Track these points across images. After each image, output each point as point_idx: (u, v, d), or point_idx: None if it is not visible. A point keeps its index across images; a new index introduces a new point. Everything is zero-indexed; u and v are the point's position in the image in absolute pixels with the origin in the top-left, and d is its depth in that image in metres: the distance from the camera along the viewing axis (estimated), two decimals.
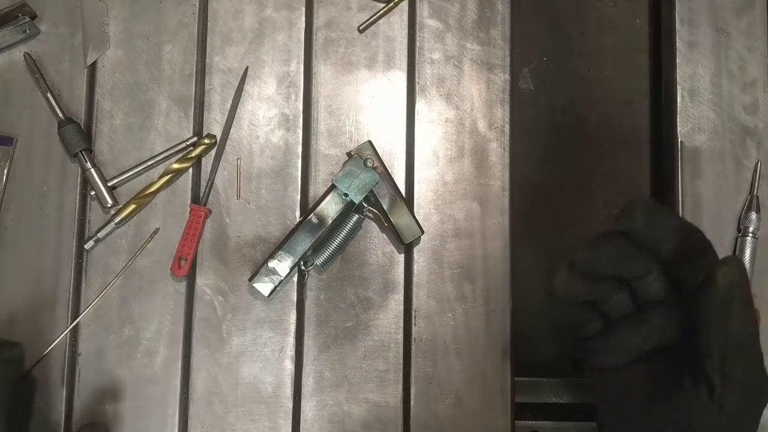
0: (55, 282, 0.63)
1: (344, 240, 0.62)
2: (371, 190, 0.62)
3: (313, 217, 0.62)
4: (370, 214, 0.64)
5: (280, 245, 0.62)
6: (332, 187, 0.62)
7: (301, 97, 0.66)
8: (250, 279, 0.62)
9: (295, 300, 0.63)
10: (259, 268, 0.62)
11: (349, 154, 0.63)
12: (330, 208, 0.62)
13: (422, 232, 0.63)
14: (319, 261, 0.62)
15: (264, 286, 0.61)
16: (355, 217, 0.62)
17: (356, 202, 0.62)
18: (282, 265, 0.61)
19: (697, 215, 0.65)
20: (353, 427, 0.62)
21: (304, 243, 0.62)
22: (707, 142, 0.66)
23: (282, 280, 0.61)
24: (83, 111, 0.65)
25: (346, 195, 0.62)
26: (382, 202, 0.63)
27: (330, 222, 0.62)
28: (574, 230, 0.74)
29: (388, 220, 0.63)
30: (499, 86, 0.66)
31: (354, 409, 0.63)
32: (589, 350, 0.49)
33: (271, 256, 0.62)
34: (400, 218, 0.63)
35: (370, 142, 0.63)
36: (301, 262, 0.62)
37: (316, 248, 0.62)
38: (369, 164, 0.62)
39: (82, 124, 0.64)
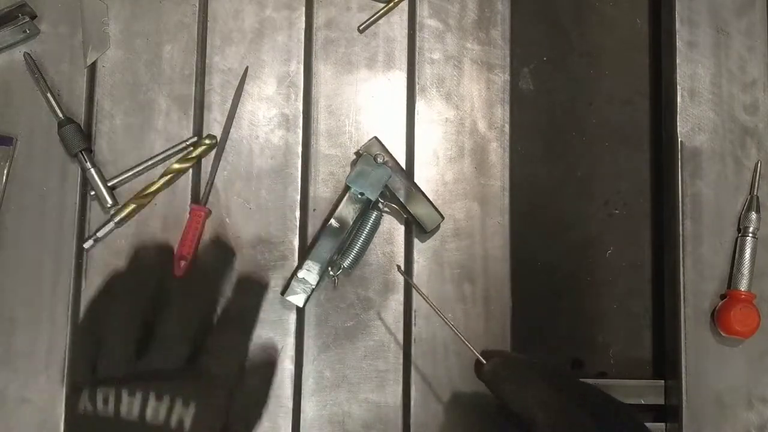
0: (55, 282, 0.63)
1: (367, 238, 0.62)
2: (385, 185, 0.62)
3: (333, 222, 0.62)
4: (387, 209, 0.64)
5: (306, 254, 0.61)
6: (346, 189, 0.62)
7: (301, 97, 0.66)
8: (282, 293, 0.61)
9: None
10: (289, 281, 0.62)
11: (356, 154, 0.63)
12: (348, 209, 0.62)
13: (442, 218, 0.63)
14: (346, 263, 0.62)
15: (297, 298, 0.61)
16: (374, 214, 0.62)
17: (373, 199, 0.61)
18: (312, 273, 0.61)
19: (697, 215, 0.65)
20: (353, 427, 0.62)
21: (329, 248, 0.61)
22: (707, 142, 0.66)
23: (313, 289, 0.61)
24: (83, 111, 0.65)
25: (362, 194, 0.61)
26: (397, 194, 0.62)
27: (351, 223, 0.62)
28: (574, 230, 0.74)
29: (406, 211, 0.63)
30: (499, 86, 0.66)
31: (354, 409, 0.63)
32: None
33: (299, 266, 0.61)
34: (419, 207, 0.62)
35: (376, 138, 0.63)
36: (329, 269, 0.62)
37: (340, 252, 0.62)
38: (380, 160, 0.62)
39: (82, 124, 0.64)
